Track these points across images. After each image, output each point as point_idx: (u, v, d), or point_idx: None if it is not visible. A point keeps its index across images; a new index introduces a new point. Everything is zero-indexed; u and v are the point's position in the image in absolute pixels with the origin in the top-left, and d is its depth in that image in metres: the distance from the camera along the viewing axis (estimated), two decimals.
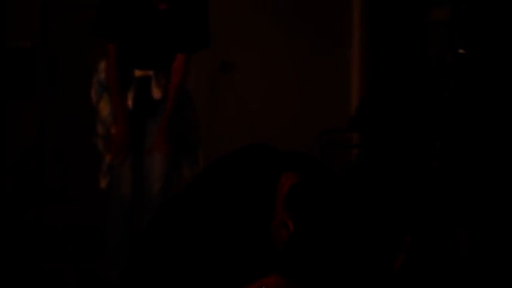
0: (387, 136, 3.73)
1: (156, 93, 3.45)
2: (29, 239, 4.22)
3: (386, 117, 3.82)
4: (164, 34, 3.36)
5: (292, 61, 5.11)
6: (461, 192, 3.61)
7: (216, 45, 4.91)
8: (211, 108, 4.91)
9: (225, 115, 4.95)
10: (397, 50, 4.79)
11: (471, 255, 3.62)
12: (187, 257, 2.24)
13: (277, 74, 5.08)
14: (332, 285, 2.28)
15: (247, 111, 5.01)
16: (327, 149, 3.95)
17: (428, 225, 3.46)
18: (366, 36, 5.17)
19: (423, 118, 3.68)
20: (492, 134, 3.63)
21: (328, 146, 3.96)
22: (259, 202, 2.25)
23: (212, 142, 4.88)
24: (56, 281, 3.94)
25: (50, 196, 4.34)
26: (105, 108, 3.48)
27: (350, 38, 5.22)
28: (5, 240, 4.07)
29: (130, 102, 3.44)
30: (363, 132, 4.08)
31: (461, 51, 3.58)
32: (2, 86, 4.18)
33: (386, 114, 3.85)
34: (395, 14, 5.09)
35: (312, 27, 5.14)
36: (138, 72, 3.43)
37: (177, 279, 2.24)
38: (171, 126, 3.47)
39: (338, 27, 5.21)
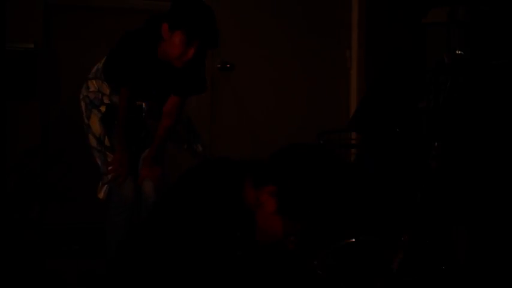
0: (386, 136, 3.74)
1: (151, 124, 3.65)
2: (31, 238, 4.24)
3: (386, 117, 3.84)
4: (168, 81, 3.51)
5: (291, 61, 5.13)
6: (459, 191, 3.62)
7: None
8: (211, 108, 4.92)
9: (225, 115, 4.97)
10: (396, 51, 4.81)
11: (469, 254, 3.64)
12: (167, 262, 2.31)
13: (277, 74, 5.09)
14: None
15: (247, 111, 5.03)
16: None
17: (426, 224, 3.48)
18: (366, 36, 5.18)
19: (422, 118, 3.70)
20: (490, 134, 3.64)
21: (328, 146, 3.97)
22: (228, 200, 2.34)
23: (212, 142, 4.90)
24: (57, 279, 3.95)
25: (52, 195, 4.35)
26: (95, 124, 3.62)
27: (350, 38, 5.23)
28: (6, 239, 4.09)
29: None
30: (363, 132, 4.10)
31: (459, 52, 3.60)
32: (5, 86, 4.19)
33: (386, 114, 3.87)
34: (395, 15, 5.10)
35: (312, 27, 5.16)
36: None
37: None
38: (157, 157, 3.65)
39: (338, 28, 5.22)
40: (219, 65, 4.92)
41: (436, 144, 3.48)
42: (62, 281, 3.95)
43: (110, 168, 3.59)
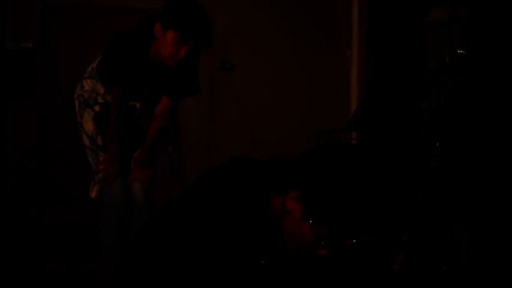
0: (387, 136, 3.74)
1: (144, 125, 3.63)
2: (30, 238, 4.23)
3: (386, 117, 3.83)
4: (160, 82, 3.50)
5: (292, 61, 5.12)
6: (459, 191, 3.61)
7: (216, 45, 4.93)
8: (211, 108, 4.91)
9: (225, 115, 4.96)
10: (396, 50, 4.80)
11: (469, 255, 3.63)
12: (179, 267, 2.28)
13: (276, 74, 5.08)
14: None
15: (247, 111, 5.02)
16: None
17: (426, 224, 3.47)
18: (366, 36, 5.17)
19: (423, 118, 3.69)
20: (491, 134, 3.64)
21: (328, 146, 3.96)
22: (254, 208, 2.32)
23: (212, 142, 4.89)
24: (56, 280, 3.95)
25: (51, 196, 4.35)
26: (88, 123, 3.60)
27: (350, 38, 5.22)
28: (5, 239, 4.08)
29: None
30: (363, 132, 4.09)
31: (460, 51, 3.60)
32: (3, 86, 4.19)
33: (387, 114, 3.86)
34: (395, 14, 5.09)
35: (312, 27, 5.15)
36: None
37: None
38: (148, 158, 3.64)
39: (338, 28, 5.21)
40: (219, 65, 4.91)
41: (436, 144, 3.47)
42: (60, 281, 3.94)
43: (100, 167, 3.59)
